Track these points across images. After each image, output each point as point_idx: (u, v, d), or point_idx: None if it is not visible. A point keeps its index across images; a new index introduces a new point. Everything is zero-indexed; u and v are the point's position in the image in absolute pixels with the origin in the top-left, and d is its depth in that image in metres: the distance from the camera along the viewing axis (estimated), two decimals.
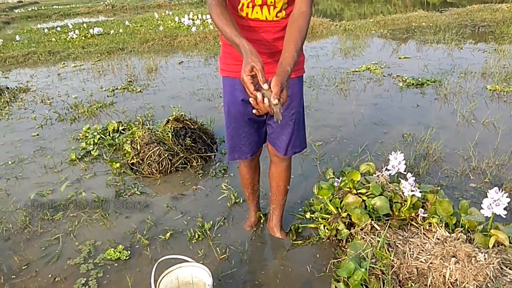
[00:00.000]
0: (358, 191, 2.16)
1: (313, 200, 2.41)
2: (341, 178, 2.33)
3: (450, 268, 1.62)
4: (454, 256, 1.67)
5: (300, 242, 2.15)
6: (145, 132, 3.11)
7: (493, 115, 3.64)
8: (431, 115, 3.84)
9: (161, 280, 1.64)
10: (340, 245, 2.07)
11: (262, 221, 2.32)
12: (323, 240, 2.14)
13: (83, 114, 4.53)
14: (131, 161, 3.03)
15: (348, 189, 2.20)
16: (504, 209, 1.75)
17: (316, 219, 2.26)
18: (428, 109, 4.01)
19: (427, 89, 4.64)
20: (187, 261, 1.70)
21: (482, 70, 5.11)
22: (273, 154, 1.97)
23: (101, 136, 3.64)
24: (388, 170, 2.23)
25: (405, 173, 2.12)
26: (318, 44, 7.92)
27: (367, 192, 2.14)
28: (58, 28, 13.56)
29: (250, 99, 1.25)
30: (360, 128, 3.69)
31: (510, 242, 1.74)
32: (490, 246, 1.73)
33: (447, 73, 5.11)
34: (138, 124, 3.53)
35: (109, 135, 3.68)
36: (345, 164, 2.94)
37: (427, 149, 3.05)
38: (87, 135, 3.71)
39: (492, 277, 1.56)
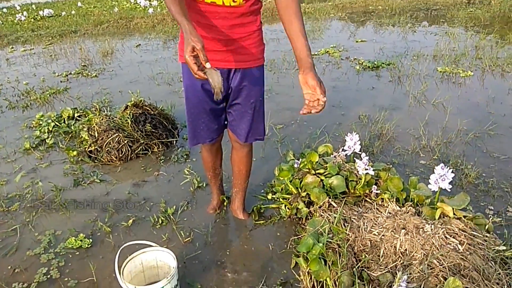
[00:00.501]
0: (317, 172, 2.25)
1: (274, 181, 2.47)
2: (300, 159, 2.41)
3: (400, 239, 1.74)
4: (404, 228, 1.80)
5: (262, 222, 2.21)
6: (102, 119, 3.04)
7: (442, 95, 3.85)
8: (385, 97, 4.01)
9: (125, 266, 1.65)
10: (300, 223, 2.15)
11: (225, 203, 2.36)
12: (284, 219, 2.22)
13: (35, 101, 4.33)
14: (89, 149, 2.96)
15: (307, 170, 2.28)
16: (449, 183, 1.89)
17: (277, 200, 2.33)
18: (382, 91, 4.18)
19: (382, 71, 4.82)
20: (151, 246, 1.72)
21: (433, 52, 5.35)
22: (234, 140, 2.00)
23: (55, 124, 3.51)
24: (345, 150, 2.33)
25: (360, 153, 2.23)
26: (279, 27, 7.94)
27: (325, 172, 2.24)
28: (4, 10, 12.69)
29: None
30: None
31: (454, 214, 1.88)
32: (437, 217, 1.87)
33: (401, 56, 5.31)
34: (95, 111, 3.44)
35: (64, 122, 3.56)
36: (305, 146, 3.03)
37: (381, 129, 3.20)
38: (40, 123, 3.56)
39: (437, 246, 1.69)
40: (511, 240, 1.95)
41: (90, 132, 3.02)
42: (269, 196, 2.39)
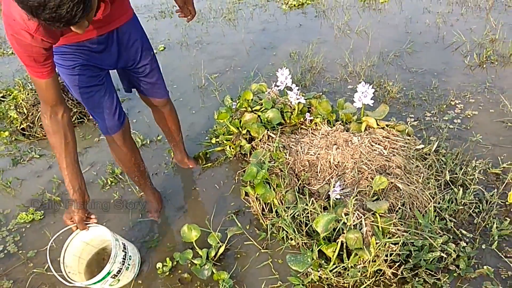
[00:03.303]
0: (253, 109, 2.36)
1: (216, 126, 2.56)
2: (237, 101, 2.49)
3: (333, 154, 1.92)
4: (335, 144, 1.98)
5: (210, 164, 2.32)
6: (28, 94, 2.90)
7: (364, 23, 4.03)
8: (312, 32, 4.12)
9: (64, 256, 1.55)
10: (245, 159, 2.28)
11: (172, 155, 2.43)
12: (230, 158, 2.34)
13: None
14: (21, 127, 2.84)
15: (244, 109, 2.37)
16: (371, 99, 2.07)
17: (221, 142, 2.43)
18: (309, 27, 4.28)
19: (308, 8, 4.90)
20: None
21: None
22: (153, 104, 1.93)
23: None
24: (278, 86, 2.44)
25: (292, 85, 2.35)
26: None
27: (261, 108, 2.35)
28: None
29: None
30: (252, 54, 3.84)
31: (377, 124, 2.09)
32: (363, 130, 2.07)
33: None
34: (19, 87, 3.25)
35: None
36: (241, 89, 3.10)
37: (311, 63, 3.34)
38: None
39: (365, 153, 1.90)
40: (429, 139, 2.21)
41: (18, 110, 2.88)
42: (213, 141, 2.48)
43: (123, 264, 1.57)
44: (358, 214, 1.53)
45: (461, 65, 2.99)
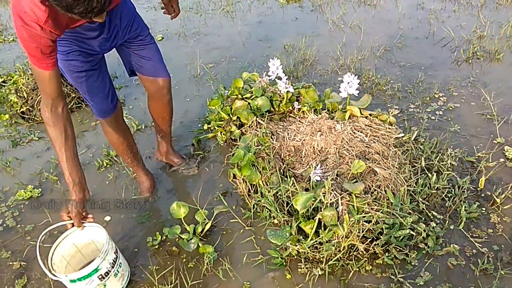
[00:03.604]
0: (244, 96, 2.46)
1: (208, 113, 2.66)
2: (229, 89, 2.59)
3: (317, 140, 2.03)
4: (319, 131, 2.08)
5: (200, 152, 2.42)
6: (28, 78, 2.99)
7: (359, 18, 4.12)
8: (308, 25, 4.21)
9: (53, 253, 1.51)
10: (235, 144, 2.38)
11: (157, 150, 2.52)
12: (221, 144, 2.44)
13: None
14: (21, 110, 2.94)
15: (235, 96, 2.47)
16: (356, 89, 2.17)
17: (213, 129, 2.53)
18: (305, 21, 4.37)
19: (305, 2, 4.98)
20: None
21: None
22: (154, 90, 1.90)
23: None
24: (269, 75, 2.54)
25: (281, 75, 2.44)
26: None
27: (251, 96, 2.45)
28: None
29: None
30: (248, 46, 3.93)
31: (361, 113, 2.19)
32: (346, 118, 2.17)
33: None
34: (20, 72, 3.34)
35: None
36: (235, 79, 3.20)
37: (304, 55, 3.43)
38: None
39: (346, 140, 2.00)
40: (410, 129, 2.31)
41: (18, 94, 2.98)
42: (205, 127, 2.58)
43: (113, 267, 1.50)
44: (335, 193, 1.64)
45: (448, 60, 3.09)
